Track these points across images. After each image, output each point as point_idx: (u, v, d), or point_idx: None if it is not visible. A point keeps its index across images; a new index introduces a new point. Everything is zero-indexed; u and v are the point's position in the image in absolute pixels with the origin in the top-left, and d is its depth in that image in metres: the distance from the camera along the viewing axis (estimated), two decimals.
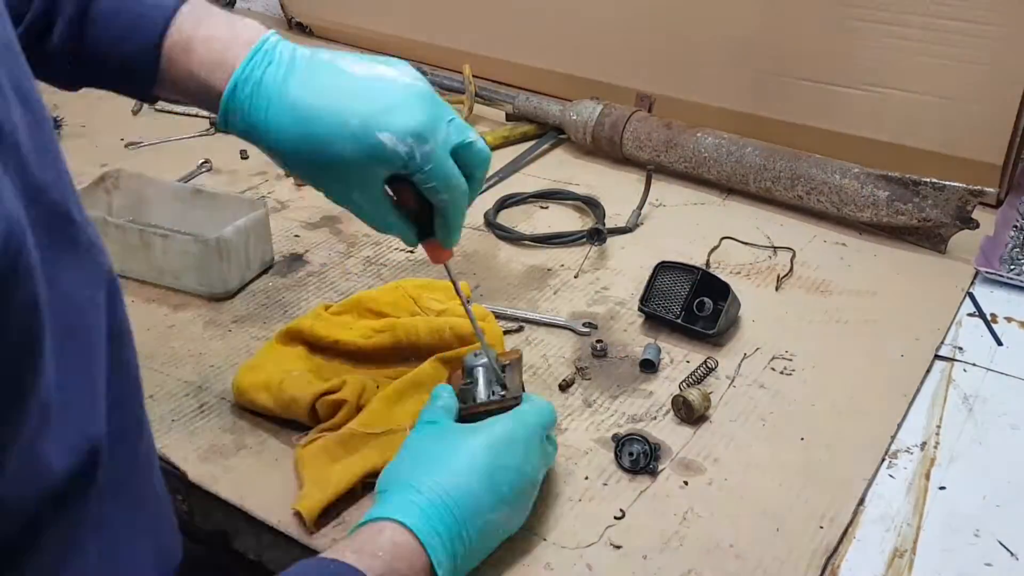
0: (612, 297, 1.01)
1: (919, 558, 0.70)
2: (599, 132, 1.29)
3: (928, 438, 0.82)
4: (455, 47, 1.55)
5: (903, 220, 1.10)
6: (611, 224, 1.14)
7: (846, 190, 1.12)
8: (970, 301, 1.02)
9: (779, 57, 1.27)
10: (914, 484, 0.77)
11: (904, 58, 1.18)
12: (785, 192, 1.16)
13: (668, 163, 1.24)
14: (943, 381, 0.90)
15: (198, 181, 1.25)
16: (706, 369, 0.88)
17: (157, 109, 1.46)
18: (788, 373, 0.90)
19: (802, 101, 1.26)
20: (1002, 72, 1.12)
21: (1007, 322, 0.99)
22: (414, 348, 0.86)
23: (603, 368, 0.90)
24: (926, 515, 0.74)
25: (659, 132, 1.25)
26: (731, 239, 1.12)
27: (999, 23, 1.11)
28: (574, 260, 1.08)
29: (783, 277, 1.05)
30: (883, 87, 1.21)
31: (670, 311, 0.95)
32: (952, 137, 1.17)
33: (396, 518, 0.62)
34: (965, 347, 0.94)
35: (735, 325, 0.96)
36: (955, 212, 1.07)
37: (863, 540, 0.72)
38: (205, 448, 0.80)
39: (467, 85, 1.38)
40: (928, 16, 1.15)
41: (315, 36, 1.79)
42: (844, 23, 1.21)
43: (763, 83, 1.29)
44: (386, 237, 1.12)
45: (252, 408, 0.82)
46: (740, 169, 1.19)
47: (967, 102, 1.15)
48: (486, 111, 1.43)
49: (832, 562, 0.70)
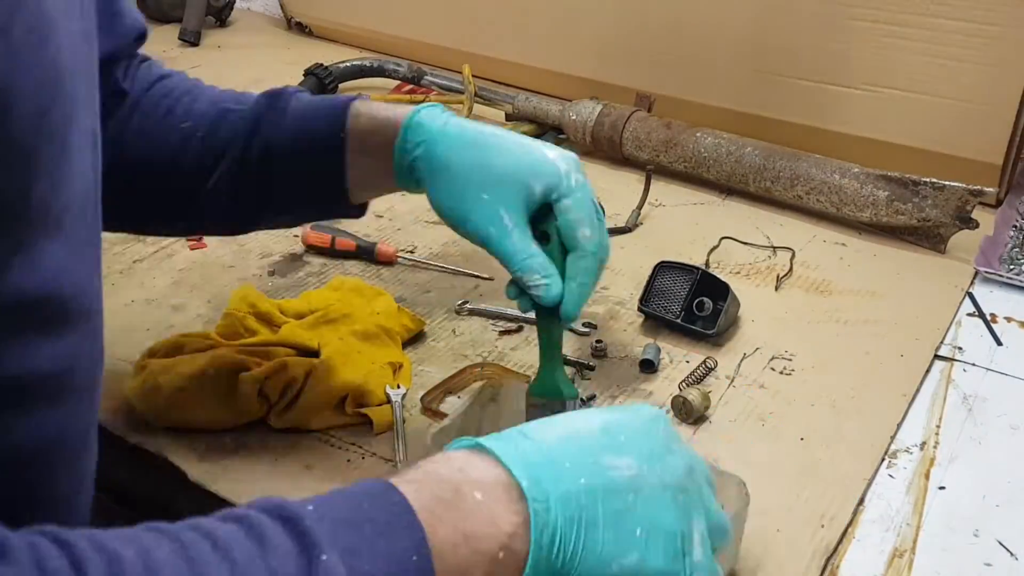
0: (612, 297, 1.01)
1: (919, 558, 0.70)
2: (599, 132, 1.29)
3: (928, 438, 0.82)
4: (455, 47, 1.54)
5: (903, 220, 1.10)
6: (611, 224, 1.14)
7: (845, 190, 1.12)
8: (970, 301, 1.02)
9: (779, 57, 1.27)
10: (914, 484, 0.77)
11: (904, 58, 1.18)
12: (785, 192, 1.16)
13: (668, 163, 1.24)
14: (943, 381, 0.90)
15: None
16: (705, 369, 0.88)
17: None
18: (788, 373, 0.90)
19: (802, 101, 1.26)
20: (1002, 72, 1.12)
21: (1007, 322, 0.99)
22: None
23: (603, 368, 0.90)
24: (926, 515, 0.74)
25: (659, 132, 1.25)
26: (731, 239, 1.12)
27: (999, 23, 1.11)
28: None
29: (783, 277, 1.05)
30: (883, 87, 1.21)
31: (669, 311, 0.95)
32: (952, 137, 1.17)
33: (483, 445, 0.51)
34: (965, 347, 0.94)
35: (735, 325, 0.96)
36: (955, 212, 1.07)
37: (863, 540, 0.72)
38: (205, 448, 0.80)
39: (467, 85, 1.38)
40: (928, 16, 1.15)
41: (315, 36, 1.79)
42: (844, 23, 1.21)
43: (763, 83, 1.29)
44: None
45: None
46: (740, 169, 1.19)
47: (967, 102, 1.15)
48: (486, 111, 1.43)
49: (832, 562, 0.70)
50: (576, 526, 0.49)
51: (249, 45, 1.75)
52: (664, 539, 0.51)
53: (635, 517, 0.51)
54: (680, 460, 0.54)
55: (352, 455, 0.79)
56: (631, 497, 0.51)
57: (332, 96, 0.77)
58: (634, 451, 0.52)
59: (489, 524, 0.48)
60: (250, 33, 1.82)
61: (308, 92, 0.80)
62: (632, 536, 0.50)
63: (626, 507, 0.51)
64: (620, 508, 0.51)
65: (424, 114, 0.74)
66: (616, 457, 0.52)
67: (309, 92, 0.80)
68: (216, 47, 1.74)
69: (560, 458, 0.51)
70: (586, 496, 0.50)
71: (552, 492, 0.49)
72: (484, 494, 0.48)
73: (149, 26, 0.79)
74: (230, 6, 1.85)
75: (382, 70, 1.53)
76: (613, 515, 0.50)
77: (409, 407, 0.84)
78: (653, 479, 0.52)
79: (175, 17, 1.78)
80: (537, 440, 0.52)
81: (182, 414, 0.80)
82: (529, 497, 0.48)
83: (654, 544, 0.51)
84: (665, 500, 0.52)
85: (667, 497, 0.52)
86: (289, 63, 1.60)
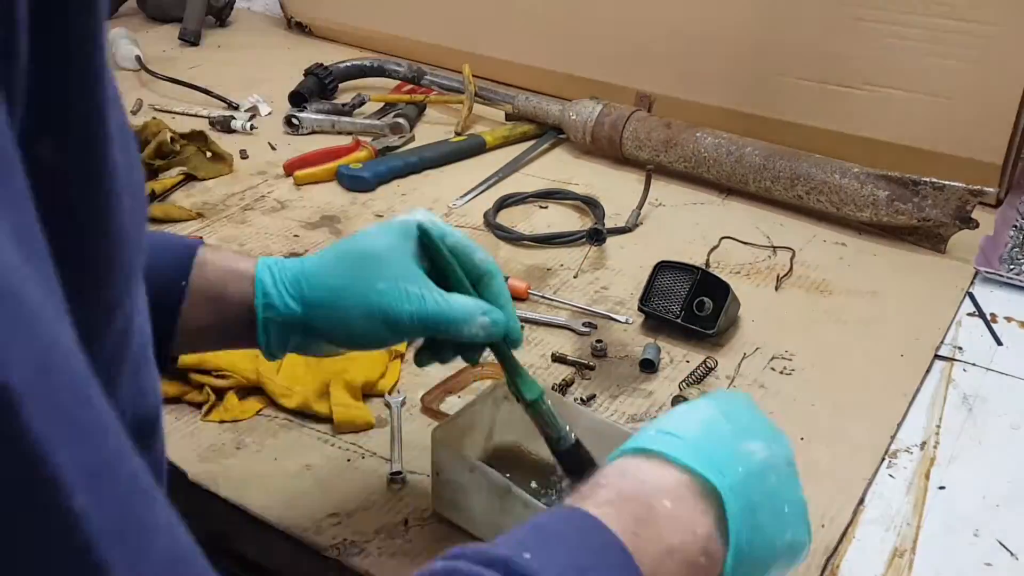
0: (612, 297, 1.01)
1: (919, 558, 0.70)
2: (599, 132, 1.29)
3: (928, 438, 0.82)
4: (455, 47, 1.55)
5: (903, 220, 1.10)
6: (611, 224, 1.14)
7: (846, 190, 1.12)
8: (970, 301, 1.02)
9: (779, 57, 1.27)
10: (914, 484, 0.77)
11: (904, 58, 1.18)
12: (785, 192, 1.16)
13: (668, 163, 1.24)
14: (943, 381, 0.89)
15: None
16: (706, 369, 0.88)
17: (156, 108, 1.46)
18: (788, 373, 0.90)
19: (802, 101, 1.26)
20: (1002, 72, 1.12)
21: (1007, 322, 0.99)
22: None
23: (603, 368, 0.90)
24: (926, 515, 0.74)
25: (659, 132, 1.25)
26: (731, 239, 1.12)
27: (999, 23, 1.11)
28: (573, 260, 1.08)
29: (783, 277, 1.05)
30: (883, 87, 1.21)
31: (670, 311, 0.95)
32: (952, 137, 1.17)
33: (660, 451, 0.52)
34: (965, 347, 0.94)
35: (735, 325, 0.96)
36: (955, 212, 1.07)
37: (863, 540, 0.72)
38: (205, 448, 0.80)
39: (467, 85, 1.38)
40: (928, 16, 1.15)
41: (315, 36, 1.79)
42: (844, 23, 1.20)
43: (763, 83, 1.29)
44: None
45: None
46: (740, 169, 1.19)
47: (967, 102, 1.15)
48: (486, 111, 1.43)
49: (832, 562, 0.70)
50: (745, 514, 0.51)
51: (249, 45, 1.75)
52: (802, 511, 0.55)
53: (780, 496, 0.54)
54: (783, 435, 0.57)
55: (352, 455, 0.79)
56: (772, 478, 0.54)
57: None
58: (759, 434, 0.55)
59: (687, 532, 0.49)
60: (250, 33, 1.82)
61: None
62: (783, 514, 0.54)
63: (772, 488, 0.54)
64: (769, 490, 0.53)
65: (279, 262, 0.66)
66: (750, 442, 0.54)
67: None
68: (216, 47, 1.74)
69: (715, 450, 0.53)
70: (745, 483, 0.52)
71: (723, 484, 0.51)
72: (673, 501, 0.50)
73: (149, 26, 0.79)
74: (230, 6, 1.85)
75: (382, 70, 1.53)
76: (767, 497, 0.53)
77: (410, 406, 0.84)
78: (779, 457, 0.55)
79: (175, 17, 1.78)
80: (683, 435, 0.53)
81: (196, 357, 0.82)
82: (722, 491, 0.50)
83: (796, 517, 0.54)
84: (791, 475, 0.56)
85: (792, 472, 0.56)
86: (289, 63, 1.60)
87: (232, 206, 1.19)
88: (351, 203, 1.21)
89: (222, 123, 1.39)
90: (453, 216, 1.18)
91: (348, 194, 1.23)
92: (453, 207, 1.20)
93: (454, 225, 1.14)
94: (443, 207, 1.20)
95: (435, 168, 1.30)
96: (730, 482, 0.51)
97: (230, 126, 1.38)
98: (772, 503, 0.53)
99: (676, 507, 0.50)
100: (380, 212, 1.18)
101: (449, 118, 1.44)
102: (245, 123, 1.38)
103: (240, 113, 1.43)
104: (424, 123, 1.44)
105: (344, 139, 1.36)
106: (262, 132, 1.39)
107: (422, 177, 1.28)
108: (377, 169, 1.25)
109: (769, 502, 0.53)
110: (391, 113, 1.42)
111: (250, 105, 1.46)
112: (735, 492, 0.51)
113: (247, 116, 1.41)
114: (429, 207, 1.19)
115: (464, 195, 1.22)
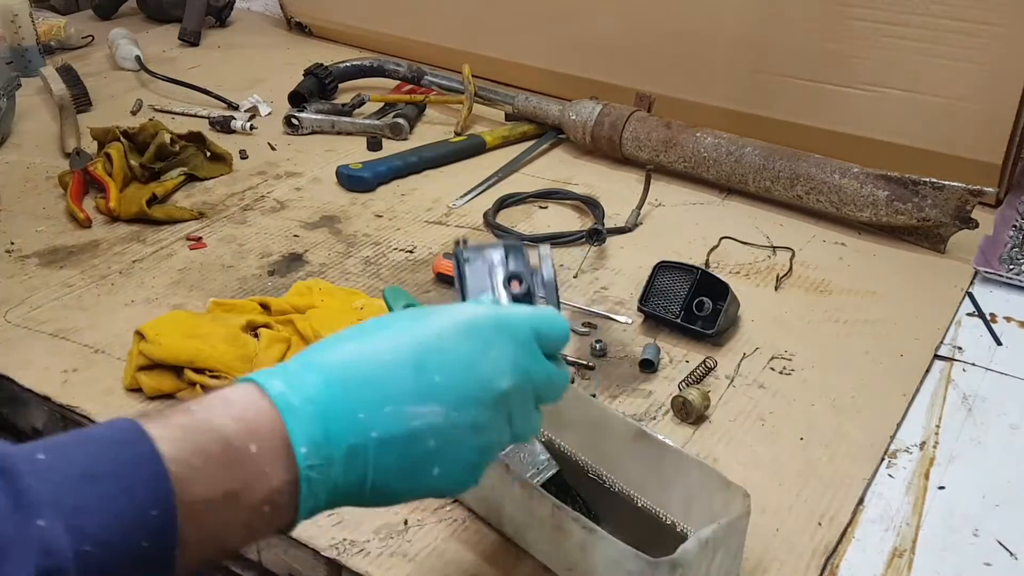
0: (611, 297, 1.01)
1: (918, 558, 0.70)
2: (598, 132, 1.29)
3: (927, 438, 0.82)
4: (455, 47, 1.55)
5: (902, 220, 1.10)
6: (610, 224, 1.14)
7: (845, 190, 1.12)
8: (969, 301, 1.02)
9: (779, 57, 1.27)
10: (913, 484, 0.77)
11: (904, 58, 1.18)
12: (784, 192, 1.16)
13: (667, 163, 1.24)
14: (942, 381, 0.90)
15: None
16: (705, 369, 0.88)
17: (156, 108, 1.46)
18: (787, 373, 0.90)
19: (802, 101, 1.26)
20: (1002, 72, 1.12)
21: (1006, 322, 0.99)
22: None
23: (602, 368, 0.90)
24: (925, 515, 0.74)
25: (658, 132, 1.25)
26: (730, 239, 1.12)
27: (999, 23, 1.11)
28: (573, 260, 1.08)
29: (782, 277, 1.05)
30: (883, 87, 1.21)
31: (669, 311, 0.95)
32: (952, 137, 1.17)
33: (254, 379, 0.47)
34: (964, 347, 0.94)
35: (734, 325, 0.96)
36: (954, 212, 1.07)
37: (862, 540, 0.72)
38: None
39: (467, 85, 1.38)
40: (928, 16, 1.15)
41: (315, 36, 1.79)
42: (844, 23, 1.21)
43: (763, 83, 1.29)
44: (385, 237, 1.12)
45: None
46: (739, 169, 1.19)
47: (967, 102, 1.15)
48: (486, 111, 1.43)
49: (831, 562, 0.70)
50: (362, 479, 0.47)
51: (249, 45, 1.76)
52: (462, 468, 0.50)
53: (433, 460, 0.48)
54: (502, 364, 0.51)
55: None
56: (432, 443, 0.48)
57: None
58: (445, 394, 0.49)
59: (258, 477, 0.44)
60: (250, 33, 1.83)
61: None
62: (429, 476, 0.49)
63: (425, 453, 0.48)
64: (417, 455, 0.48)
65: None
66: (420, 405, 0.48)
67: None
68: (216, 47, 1.74)
69: (354, 407, 0.47)
70: (378, 448, 0.47)
71: (337, 449, 0.46)
72: (259, 446, 0.44)
73: (149, 26, 0.79)
74: (230, 6, 1.85)
75: (382, 70, 1.53)
76: (408, 463, 0.48)
77: None
78: (462, 421, 0.49)
79: (175, 17, 1.78)
80: (331, 380, 0.47)
81: (190, 354, 0.84)
82: (303, 465, 0.45)
83: (450, 475, 0.50)
84: (471, 441, 0.50)
85: (474, 439, 0.50)
86: (289, 63, 1.60)
87: (232, 206, 1.19)
88: (351, 203, 1.21)
89: (222, 123, 1.39)
90: (453, 216, 1.18)
91: (348, 194, 1.23)
92: (453, 207, 1.20)
93: (454, 225, 1.14)
94: (443, 207, 1.20)
95: (435, 168, 1.30)
96: (348, 446, 0.46)
97: (230, 126, 1.39)
98: (414, 470, 0.48)
99: (260, 451, 0.44)
100: (380, 212, 1.18)
101: (449, 118, 1.45)
102: (245, 123, 1.38)
103: (240, 113, 1.43)
104: (424, 123, 1.44)
105: (344, 139, 1.37)
106: (262, 132, 1.39)
107: (422, 177, 1.28)
108: (377, 169, 1.26)
109: (410, 469, 0.48)
110: (391, 113, 1.42)
111: (250, 105, 1.46)
112: (350, 459, 0.46)
113: (247, 116, 1.41)
114: (429, 207, 1.20)
115: (464, 195, 1.22)
